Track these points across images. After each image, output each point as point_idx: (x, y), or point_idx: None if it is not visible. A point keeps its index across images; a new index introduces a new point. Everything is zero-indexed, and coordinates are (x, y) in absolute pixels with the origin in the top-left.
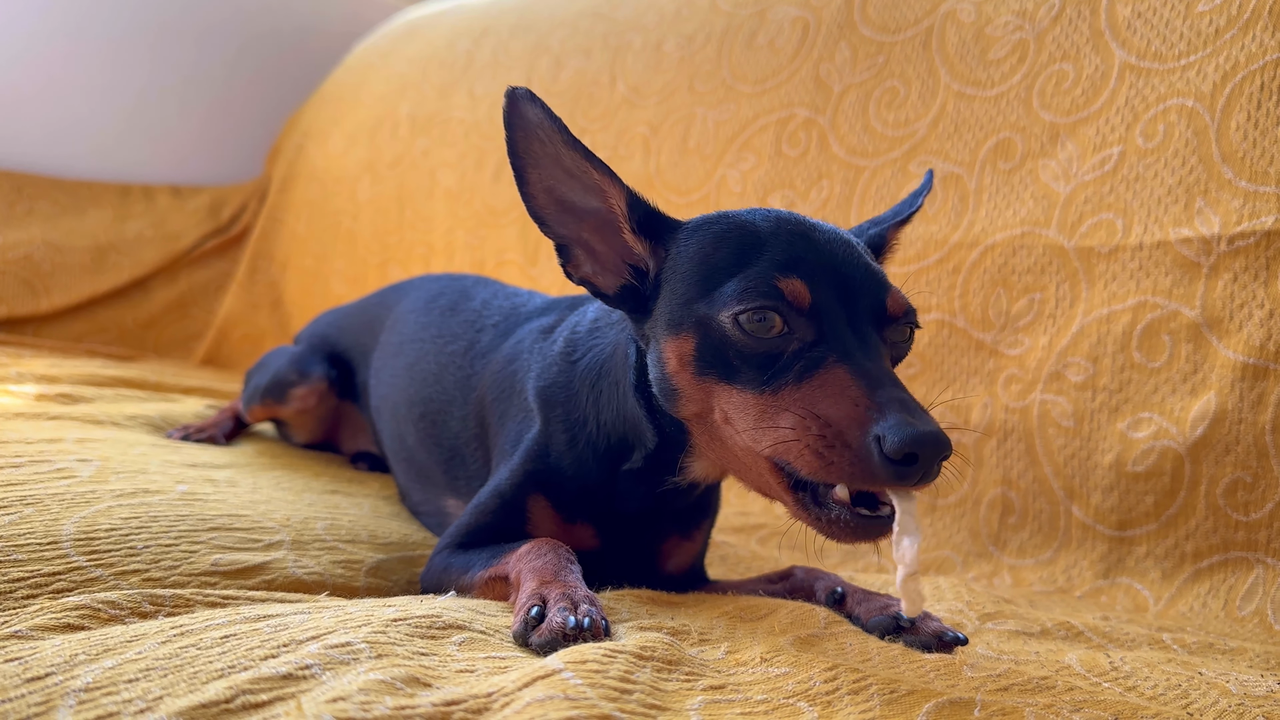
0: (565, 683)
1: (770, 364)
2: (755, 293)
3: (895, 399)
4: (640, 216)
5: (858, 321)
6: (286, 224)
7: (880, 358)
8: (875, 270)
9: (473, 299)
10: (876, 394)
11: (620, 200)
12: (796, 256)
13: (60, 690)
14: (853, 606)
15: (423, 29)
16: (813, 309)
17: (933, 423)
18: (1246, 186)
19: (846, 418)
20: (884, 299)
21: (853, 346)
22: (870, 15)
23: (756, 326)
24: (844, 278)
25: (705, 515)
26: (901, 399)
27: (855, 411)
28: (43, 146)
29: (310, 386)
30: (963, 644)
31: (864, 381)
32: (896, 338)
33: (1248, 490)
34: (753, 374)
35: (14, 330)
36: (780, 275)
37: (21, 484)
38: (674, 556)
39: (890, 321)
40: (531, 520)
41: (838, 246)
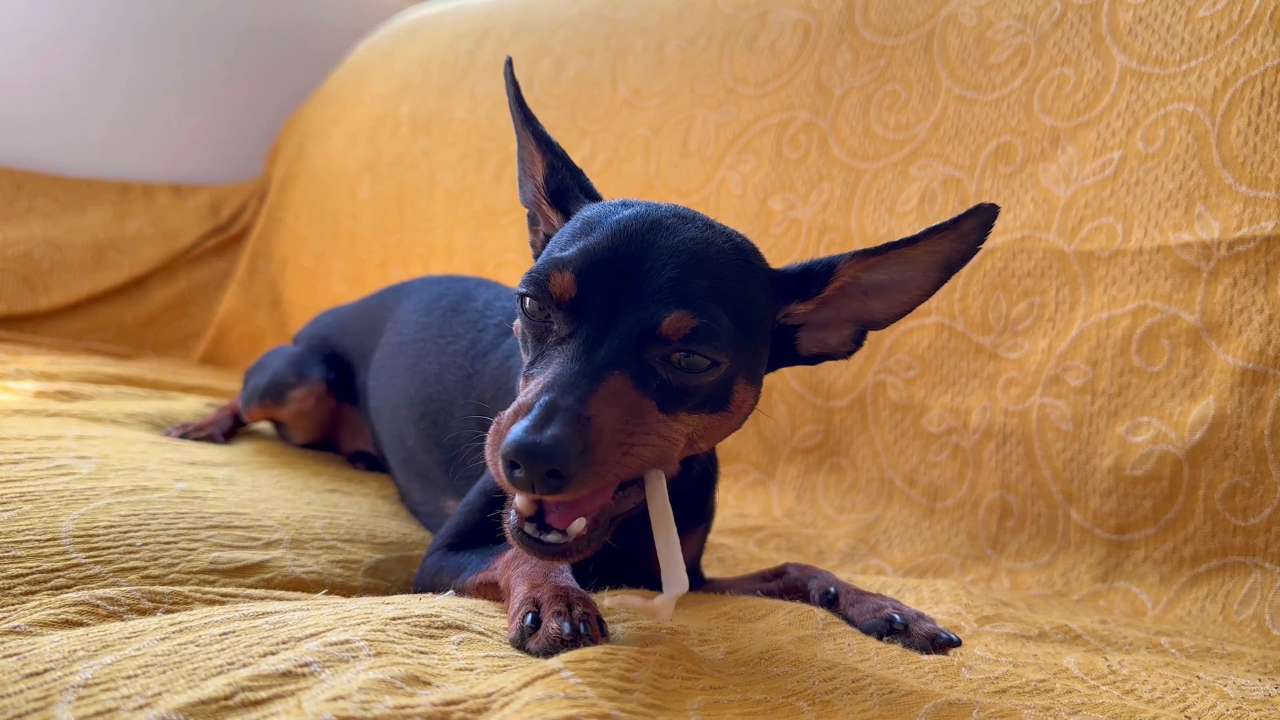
0: (565, 682)
1: (539, 347)
2: (532, 280)
3: (547, 404)
4: (554, 188)
5: (616, 331)
6: (286, 223)
7: (606, 366)
8: (681, 286)
9: (475, 300)
10: (545, 395)
11: (540, 171)
12: (589, 251)
13: (59, 686)
14: (846, 607)
15: (424, 29)
16: (573, 306)
17: (553, 437)
18: (1247, 191)
19: (512, 413)
20: (660, 317)
21: (586, 349)
22: (871, 18)
23: (531, 309)
24: (627, 283)
25: (698, 521)
26: (551, 404)
27: (519, 408)
28: (43, 144)
29: (308, 389)
30: (956, 645)
31: (552, 381)
32: (679, 364)
33: (1246, 495)
34: (532, 354)
35: (13, 327)
36: (557, 268)
37: (20, 481)
38: None
39: (659, 342)
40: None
41: (652, 251)
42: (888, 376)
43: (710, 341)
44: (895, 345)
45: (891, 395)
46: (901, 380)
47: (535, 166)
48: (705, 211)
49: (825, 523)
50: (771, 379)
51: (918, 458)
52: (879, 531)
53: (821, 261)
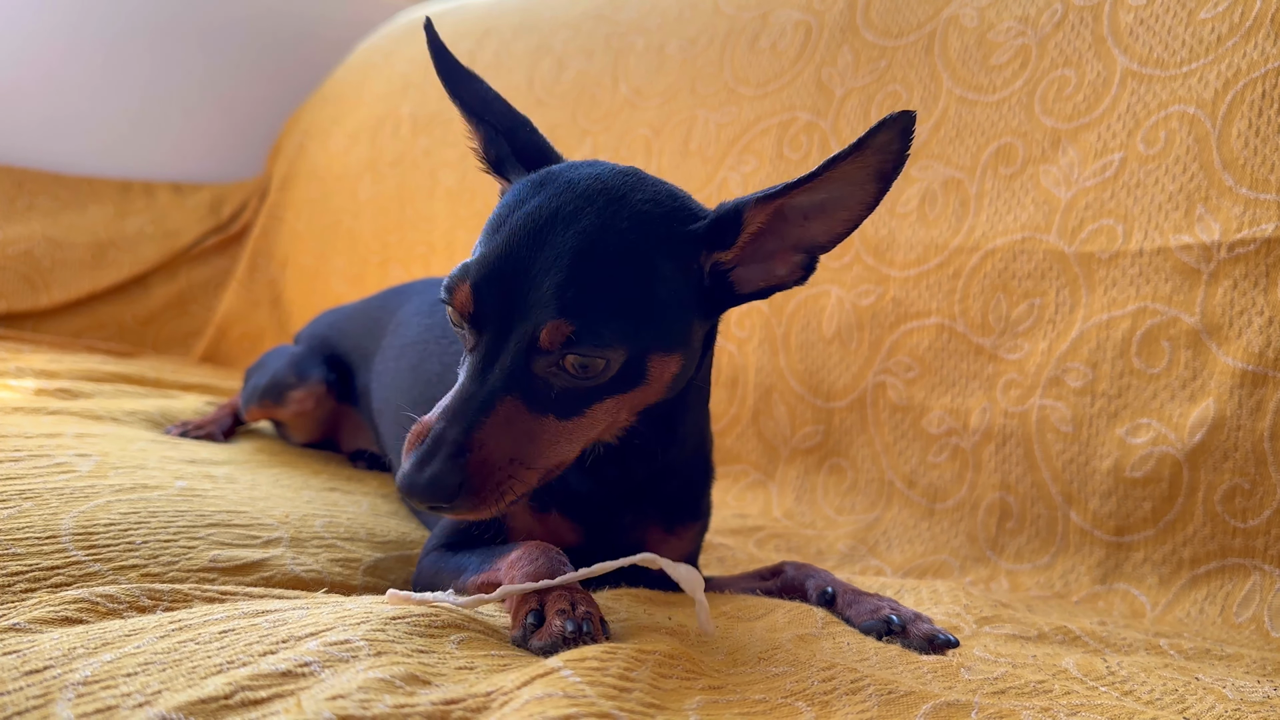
0: (564, 681)
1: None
2: (445, 288)
3: (436, 435)
4: (493, 161)
5: (507, 346)
6: (287, 222)
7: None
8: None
9: None
10: (436, 423)
11: (478, 142)
12: (486, 260)
13: (59, 683)
14: (844, 607)
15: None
16: (474, 319)
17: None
18: (1247, 194)
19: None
20: (539, 330)
21: (480, 371)
22: (873, 19)
23: (450, 316)
24: (516, 293)
25: (693, 518)
26: (439, 436)
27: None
28: (44, 142)
29: (308, 390)
30: (953, 646)
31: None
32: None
33: (1245, 497)
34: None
35: (13, 325)
36: (461, 279)
37: (20, 478)
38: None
39: (542, 353)
40: (510, 513)
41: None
42: (888, 377)
43: (590, 342)
44: (895, 346)
45: (891, 396)
46: (901, 381)
47: (474, 139)
48: None
49: (825, 523)
50: (771, 379)
51: (917, 459)
52: (878, 532)
53: (729, 208)
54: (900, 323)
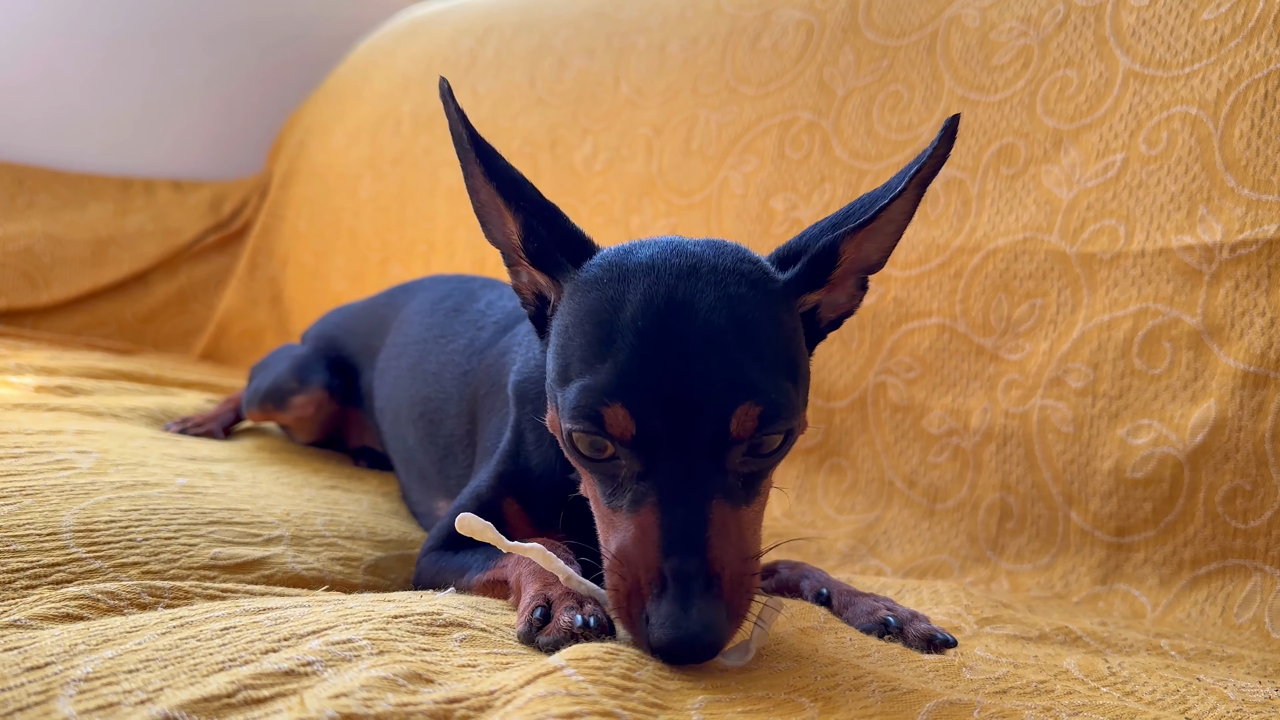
0: (567, 679)
1: (610, 481)
2: (582, 415)
3: (681, 575)
4: (533, 252)
5: (692, 450)
6: (287, 220)
7: (705, 497)
8: (731, 382)
9: (478, 300)
10: (667, 560)
11: (515, 231)
12: (630, 372)
13: (60, 680)
14: (840, 609)
15: (426, 27)
16: (637, 440)
17: (700, 621)
18: (1249, 195)
19: (635, 582)
20: (728, 420)
21: (674, 486)
22: (875, 19)
23: (588, 447)
24: (680, 401)
25: None
26: (686, 576)
27: (645, 577)
28: (44, 139)
29: (309, 395)
30: (952, 645)
31: (664, 538)
32: (756, 450)
33: (1247, 498)
34: (598, 481)
35: (13, 322)
36: (607, 401)
37: (21, 475)
38: None
39: (734, 444)
40: (509, 524)
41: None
42: (888, 377)
43: (779, 418)
44: (896, 346)
45: (892, 396)
46: (902, 381)
47: (506, 224)
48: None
49: (825, 523)
50: None
51: (918, 459)
52: (879, 532)
53: (821, 248)
54: (901, 323)
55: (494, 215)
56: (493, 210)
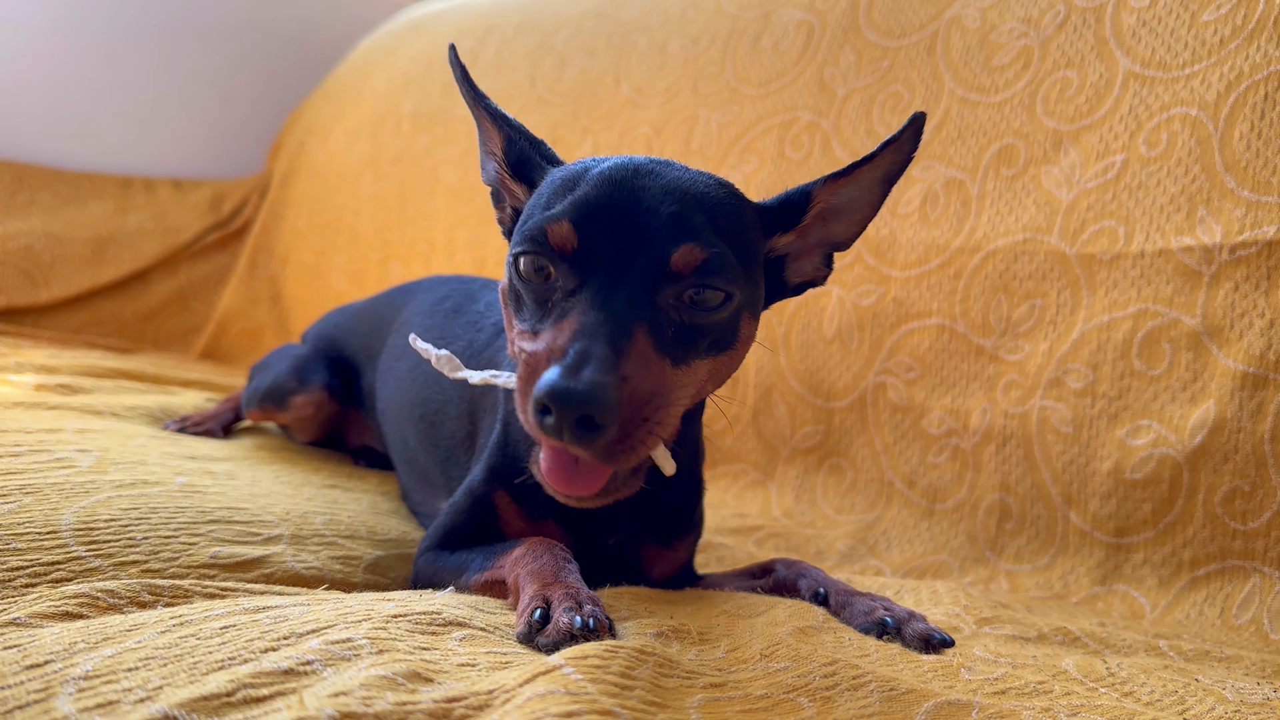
0: (566, 678)
1: (541, 307)
2: (527, 236)
3: (582, 351)
4: (515, 159)
5: (626, 274)
6: (287, 219)
7: (627, 316)
8: (681, 221)
9: (478, 301)
10: (575, 342)
11: (498, 144)
12: (583, 201)
13: (60, 678)
14: (837, 608)
15: (427, 26)
16: (577, 255)
17: (588, 382)
18: (1249, 196)
19: (539, 359)
20: (669, 252)
21: (605, 299)
22: (875, 19)
23: (529, 271)
24: (627, 225)
25: (687, 530)
26: (584, 349)
27: (547, 355)
28: (44, 138)
29: (308, 396)
30: (949, 645)
31: (577, 330)
32: (693, 301)
33: (1246, 499)
34: (531, 314)
35: (13, 320)
36: (553, 220)
37: (21, 473)
38: (654, 565)
39: (673, 278)
40: (502, 518)
41: (648, 193)
42: (888, 378)
43: (722, 273)
44: (896, 347)
45: (892, 396)
46: (902, 381)
47: (493, 141)
48: None
49: (824, 523)
50: (772, 379)
51: (917, 459)
52: (878, 532)
53: (796, 191)
54: (901, 323)
55: (488, 139)
56: (486, 133)
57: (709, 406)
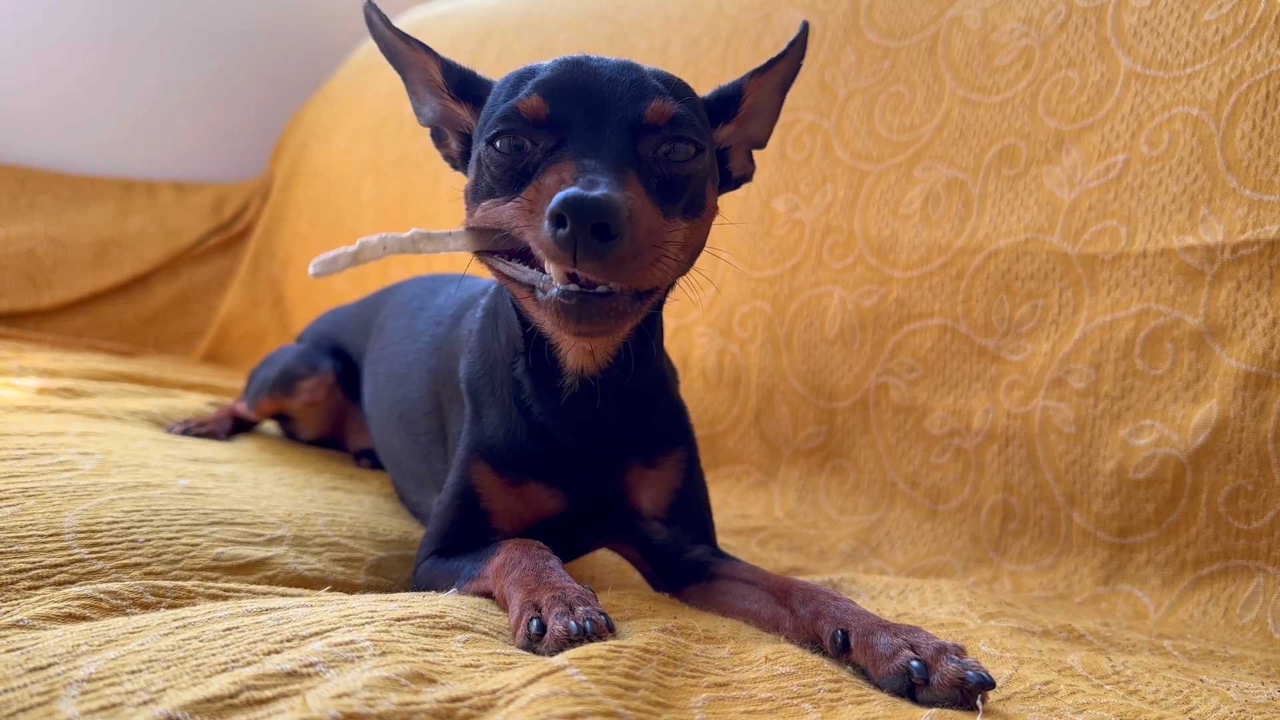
0: (570, 679)
1: (522, 177)
2: (500, 117)
3: (590, 179)
4: (456, 81)
5: (605, 130)
6: (289, 222)
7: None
8: (645, 85)
9: (438, 295)
10: (580, 176)
11: (437, 71)
12: (549, 80)
13: (63, 680)
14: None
15: (428, 29)
16: (551, 120)
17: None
18: (1251, 195)
19: (545, 190)
20: (642, 109)
21: (590, 147)
22: (876, 20)
23: (506, 148)
24: (597, 92)
25: (671, 445)
26: (595, 179)
27: (554, 185)
28: (46, 141)
29: (318, 379)
30: (989, 687)
31: (578, 167)
32: (668, 155)
33: (1249, 499)
34: (509, 191)
35: (16, 324)
36: (523, 97)
37: (23, 476)
38: (643, 490)
39: (648, 131)
40: (484, 497)
41: (607, 69)
42: (890, 378)
43: (692, 125)
44: (898, 347)
45: (894, 397)
46: (904, 382)
47: (430, 71)
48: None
49: (827, 524)
50: (774, 380)
51: (920, 460)
52: (881, 533)
53: (728, 85)
54: (903, 323)
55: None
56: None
57: (711, 408)
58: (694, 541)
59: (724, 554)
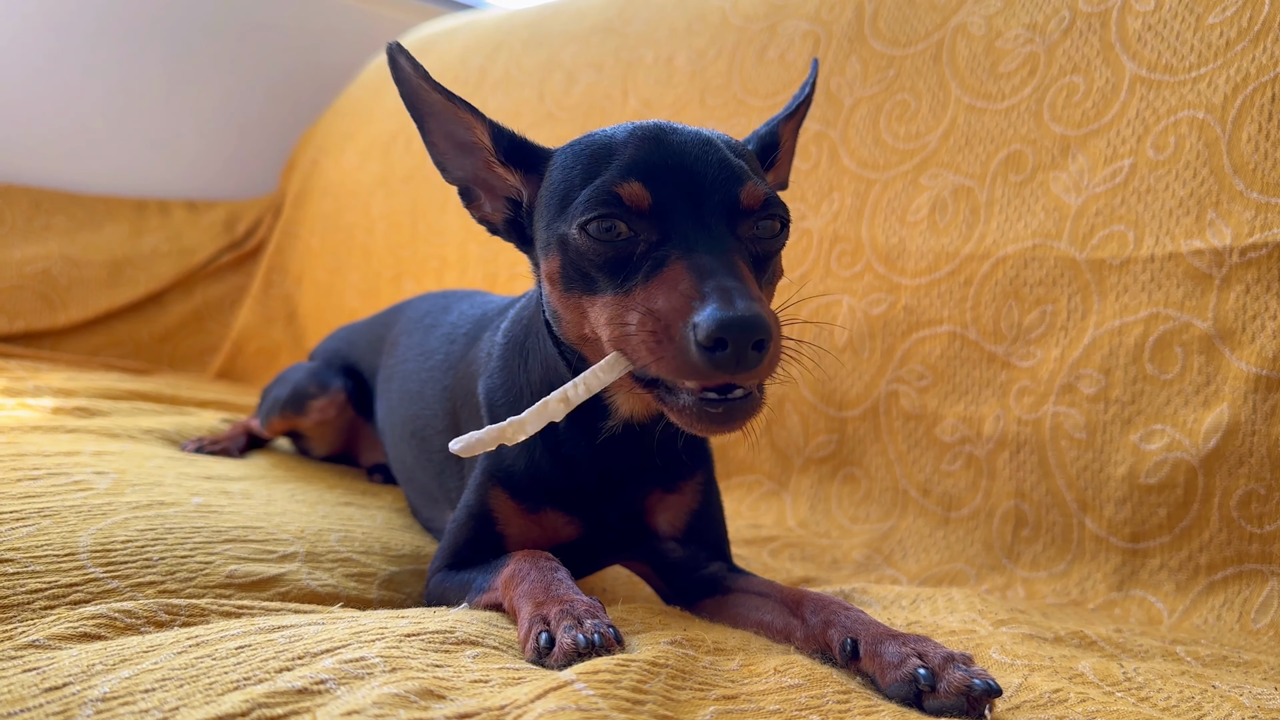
0: (578, 694)
1: (622, 269)
2: (596, 201)
3: (720, 288)
4: (506, 147)
5: (706, 218)
6: (301, 238)
7: (727, 250)
8: (731, 165)
9: (451, 313)
10: (704, 284)
11: (485, 134)
12: (639, 160)
13: (78, 700)
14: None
15: (436, 45)
16: (654, 210)
17: (750, 308)
18: (1258, 198)
19: (673, 310)
20: (737, 193)
21: (696, 242)
22: (881, 29)
23: (602, 234)
24: (691, 175)
25: (691, 470)
26: (725, 287)
27: (681, 303)
28: (60, 162)
29: (329, 398)
30: (995, 695)
31: (696, 274)
32: (758, 233)
33: (1261, 502)
34: (609, 281)
35: (31, 344)
36: (620, 181)
37: (39, 496)
38: (660, 512)
39: (745, 215)
40: (500, 520)
41: (691, 146)
42: (900, 386)
43: (779, 204)
44: (908, 355)
45: (904, 404)
46: (914, 389)
47: (476, 133)
48: None
49: (839, 533)
50: (784, 388)
51: (931, 467)
52: (893, 541)
53: (763, 131)
54: (912, 331)
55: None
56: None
57: None
58: (709, 559)
59: (738, 569)
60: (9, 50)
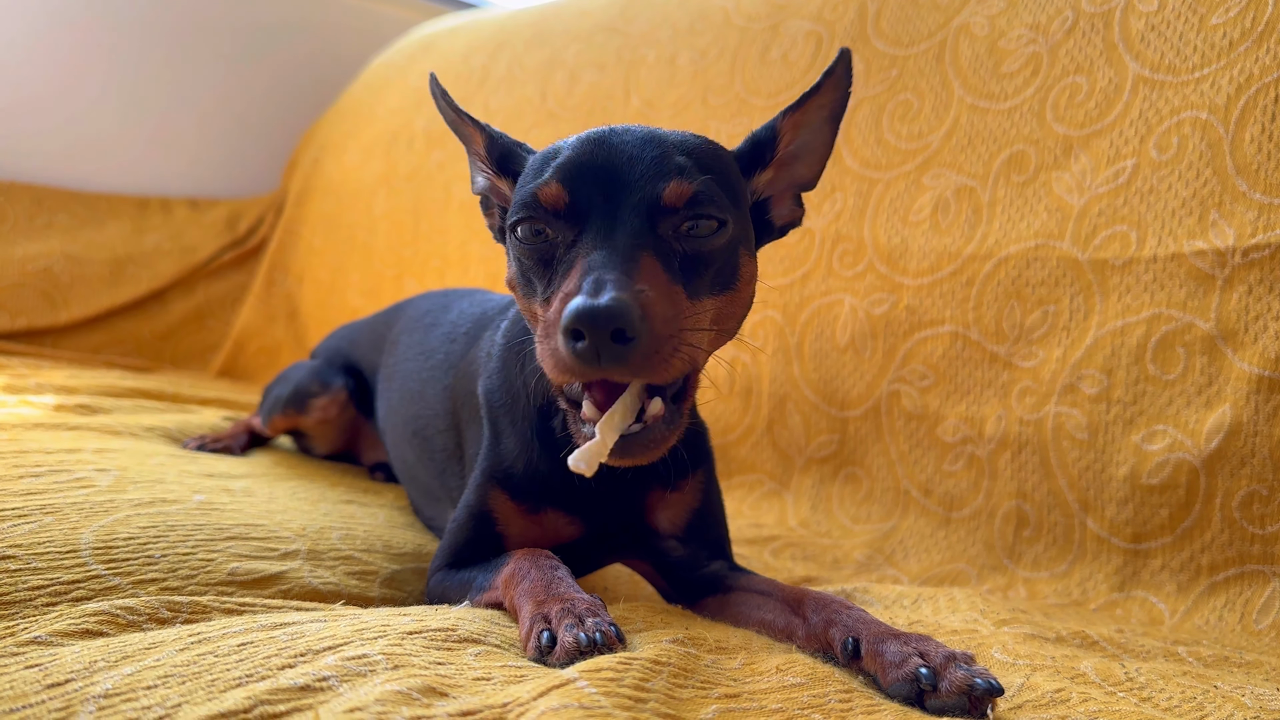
0: (580, 692)
1: (548, 270)
2: (519, 204)
3: (596, 280)
4: (497, 154)
5: (621, 216)
6: (303, 237)
7: (631, 246)
8: (664, 164)
9: (450, 311)
10: (585, 278)
11: (480, 144)
12: (568, 163)
13: (80, 696)
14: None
15: (438, 43)
16: (570, 210)
17: (613, 299)
18: (1261, 199)
19: (556, 311)
20: (659, 190)
21: (602, 238)
22: (883, 29)
23: (529, 236)
24: (614, 175)
25: (693, 467)
26: (602, 279)
27: (564, 300)
28: (62, 159)
29: (331, 396)
30: (997, 694)
31: (583, 269)
32: (690, 231)
33: (1264, 503)
34: (541, 284)
35: (33, 342)
36: (542, 184)
37: (41, 493)
38: (661, 511)
39: (667, 213)
40: (500, 521)
41: (629, 147)
42: (902, 386)
43: (712, 202)
44: (909, 355)
45: (906, 404)
46: (916, 389)
47: (476, 143)
48: None
49: (841, 532)
50: (786, 388)
51: (933, 467)
52: (895, 541)
53: (761, 129)
54: (914, 331)
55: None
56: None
57: (724, 417)
58: (710, 557)
59: (739, 568)
60: (12, 48)
